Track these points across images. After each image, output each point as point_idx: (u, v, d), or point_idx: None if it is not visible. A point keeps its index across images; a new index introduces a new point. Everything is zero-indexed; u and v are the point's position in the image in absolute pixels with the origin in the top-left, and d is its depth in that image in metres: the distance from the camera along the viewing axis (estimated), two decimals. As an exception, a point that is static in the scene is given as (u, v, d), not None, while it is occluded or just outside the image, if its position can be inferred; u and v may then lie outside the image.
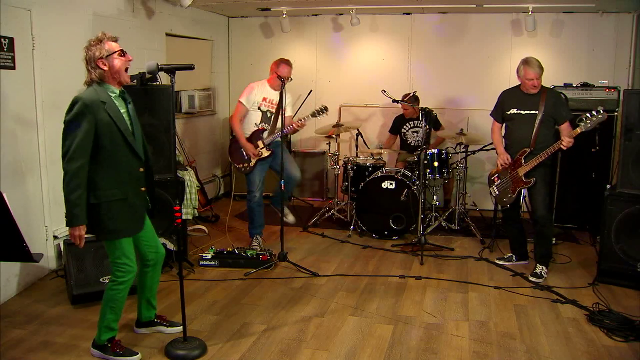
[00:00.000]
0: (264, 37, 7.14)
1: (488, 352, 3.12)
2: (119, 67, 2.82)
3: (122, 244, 2.91)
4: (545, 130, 4.17)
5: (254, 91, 4.87)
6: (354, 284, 4.18)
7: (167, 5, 5.75)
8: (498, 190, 4.46)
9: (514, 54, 6.36)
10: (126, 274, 2.95)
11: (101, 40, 2.79)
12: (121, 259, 2.92)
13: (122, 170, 2.85)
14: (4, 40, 3.66)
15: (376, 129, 6.81)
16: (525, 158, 4.20)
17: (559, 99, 4.26)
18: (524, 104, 4.23)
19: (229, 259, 4.49)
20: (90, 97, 2.73)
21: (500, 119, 4.44)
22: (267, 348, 3.16)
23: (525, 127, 4.21)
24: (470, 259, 4.76)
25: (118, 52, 2.81)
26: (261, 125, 4.88)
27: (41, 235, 4.13)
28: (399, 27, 6.69)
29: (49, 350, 3.08)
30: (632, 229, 3.98)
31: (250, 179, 4.91)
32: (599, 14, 6.02)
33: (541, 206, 4.19)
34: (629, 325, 3.36)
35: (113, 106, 2.81)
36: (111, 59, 2.79)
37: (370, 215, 5.32)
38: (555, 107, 4.15)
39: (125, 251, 2.93)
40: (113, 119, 2.78)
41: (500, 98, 4.45)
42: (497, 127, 4.50)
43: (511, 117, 4.31)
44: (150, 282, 3.22)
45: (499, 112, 4.42)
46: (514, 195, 4.32)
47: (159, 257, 3.20)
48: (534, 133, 4.16)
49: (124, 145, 2.84)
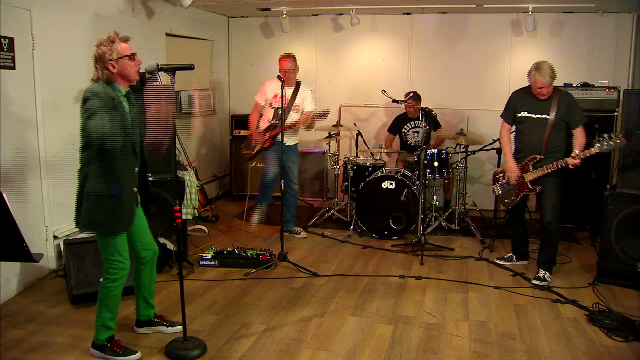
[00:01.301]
0: (264, 37, 7.14)
1: (488, 352, 3.12)
2: (129, 70, 2.83)
3: (115, 241, 2.91)
4: (557, 135, 4.05)
5: (265, 88, 5.17)
6: (354, 284, 4.18)
7: (167, 5, 5.75)
8: (501, 191, 4.42)
9: (514, 54, 6.37)
10: (119, 271, 2.95)
11: (113, 40, 2.78)
12: (113, 256, 2.93)
13: (119, 168, 2.85)
14: (4, 40, 3.66)
15: (376, 129, 6.81)
16: (534, 165, 4.11)
17: (572, 102, 4.09)
18: (535, 107, 4.10)
19: (229, 259, 4.49)
20: (98, 91, 2.75)
21: (510, 120, 4.30)
22: (267, 348, 3.16)
23: (536, 131, 4.08)
24: (470, 259, 4.76)
25: (129, 56, 2.81)
26: (274, 121, 5.12)
27: (41, 235, 4.13)
28: (399, 27, 6.69)
29: (49, 350, 3.08)
30: (632, 229, 3.98)
31: (266, 160, 5.27)
32: (599, 14, 6.02)
33: (549, 213, 4.09)
34: (629, 325, 3.36)
35: (120, 104, 2.82)
36: (121, 62, 2.79)
37: (370, 215, 5.31)
38: (568, 111, 4.02)
39: (118, 248, 2.93)
40: (120, 117, 2.79)
41: (510, 99, 4.30)
42: (506, 129, 4.35)
43: (522, 120, 4.18)
44: (146, 280, 3.22)
45: (510, 113, 4.28)
46: (516, 199, 4.26)
47: (153, 255, 3.20)
48: (545, 139, 4.04)
49: (126, 142, 2.84)
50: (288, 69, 5.01)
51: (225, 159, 7.21)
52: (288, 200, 5.28)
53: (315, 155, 6.90)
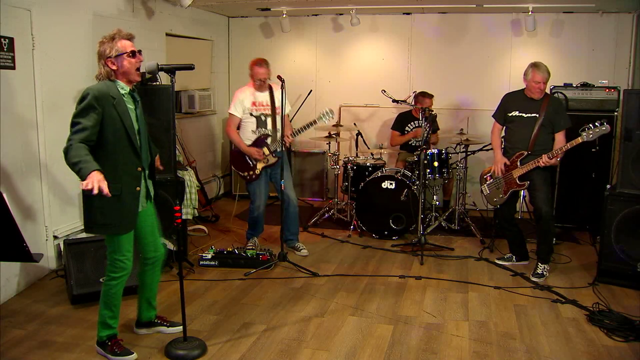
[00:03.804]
0: (264, 37, 7.14)
1: (488, 352, 3.12)
2: (128, 68, 2.82)
3: (119, 240, 2.92)
4: (545, 134, 4.23)
5: (239, 99, 4.70)
6: (354, 284, 4.18)
7: (167, 5, 5.75)
8: (489, 190, 4.53)
9: (514, 54, 6.37)
10: (119, 270, 2.95)
11: (114, 37, 2.79)
12: (116, 254, 2.93)
13: (120, 167, 2.85)
14: (4, 40, 3.66)
15: (376, 129, 6.81)
16: (522, 161, 4.26)
17: (560, 106, 4.33)
18: (525, 107, 4.28)
19: (229, 259, 4.49)
20: (100, 90, 2.75)
21: (502, 120, 4.48)
22: (267, 348, 3.16)
23: (525, 129, 4.26)
24: (470, 259, 4.76)
25: (128, 53, 2.80)
26: (258, 131, 4.71)
27: (41, 235, 4.13)
28: (399, 27, 6.69)
29: (49, 350, 3.08)
30: (632, 229, 3.98)
31: (253, 190, 4.77)
32: (599, 14, 6.02)
33: (544, 203, 4.19)
34: (629, 325, 3.36)
35: (122, 103, 2.82)
36: (120, 59, 2.79)
37: (370, 215, 5.31)
38: (555, 113, 4.21)
39: (121, 247, 2.93)
40: (120, 115, 2.79)
41: (503, 100, 4.49)
42: (497, 129, 4.55)
43: (512, 119, 4.35)
44: (149, 280, 3.22)
45: (501, 114, 4.46)
46: (504, 197, 4.38)
47: (158, 257, 3.20)
48: (532, 136, 4.21)
49: (126, 142, 2.85)
50: (261, 78, 4.61)
51: (225, 159, 7.21)
52: (290, 216, 4.79)
53: (315, 155, 6.90)
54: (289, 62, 7.00)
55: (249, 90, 4.73)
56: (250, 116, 4.71)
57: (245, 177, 4.77)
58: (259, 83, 4.65)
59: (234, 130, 4.74)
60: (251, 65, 4.68)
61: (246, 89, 4.75)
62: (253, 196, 4.79)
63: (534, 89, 4.20)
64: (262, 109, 4.73)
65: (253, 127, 4.72)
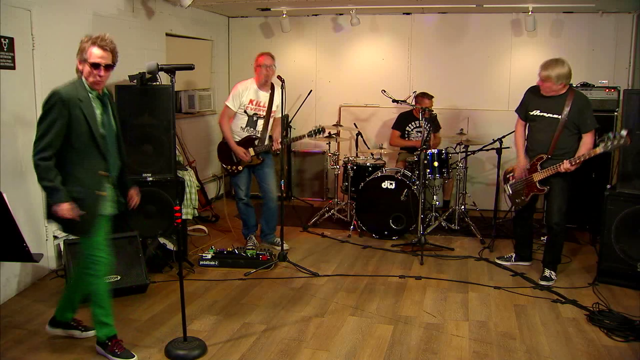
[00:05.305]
0: (264, 37, 7.15)
1: (488, 352, 3.12)
2: (86, 76, 2.82)
3: (92, 238, 2.92)
4: (567, 136, 4.00)
5: (238, 91, 4.68)
6: (354, 284, 4.18)
7: (167, 5, 5.75)
8: (512, 190, 4.38)
9: (514, 54, 6.37)
10: (97, 266, 2.95)
11: (89, 41, 2.80)
12: (89, 250, 2.94)
13: (84, 171, 2.83)
14: (4, 40, 3.66)
15: (376, 129, 6.81)
16: (542, 164, 4.09)
17: (586, 104, 4.01)
18: (548, 106, 4.05)
19: (229, 259, 4.49)
20: (67, 93, 2.74)
21: (524, 116, 4.26)
22: (267, 348, 3.16)
23: (546, 131, 4.05)
24: (470, 259, 4.76)
25: (89, 63, 2.79)
26: (246, 129, 4.74)
27: (41, 235, 4.13)
28: (399, 27, 6.69)
29: (49, 350, 3.09)
30: (632, 229, 3.98)
31: (235, 182, 4.88)
32: (599, 14, 6.02)
33: (556, 214, 4.09)
34: (629, 325, 3.36)
35: (89, 106, 2.81)
36: (84, 64, 2.81)
37: (370, 215, 5.31)
38: (580, 113, 3.95)
39: (94, 244, 2.93)
40: (86, 118, 2.78)
41: (525, 95, 4.27)
42: (521, 125, 4.32)
43: (534, 118, 4.14)
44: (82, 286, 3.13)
45: (523, 110, 4.25)
46: (526, 199, 4.22)
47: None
48: (554, 139, 4.00)
49: (92, 146, 2.83)
50: (268, 65, 4.57)
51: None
52: (269, 212, 4.91)
53: (315, 155, 6.90)
54: (289, 62, 7.00)
55: (252, 86, 4.72)
56: (244, 113, 4.73)
57: (228, 169, 4.86)
58: (265, 73, 4.61)
59: (226, 123, 4.76)
60: (257, 57, 4.69)
61: (249, 84, 4.73)
62: (236, 187, 4.89)
63: (541, 87, 4.05)
64: (257, 109, 4.74)
65: (242, 124, 4.77)
